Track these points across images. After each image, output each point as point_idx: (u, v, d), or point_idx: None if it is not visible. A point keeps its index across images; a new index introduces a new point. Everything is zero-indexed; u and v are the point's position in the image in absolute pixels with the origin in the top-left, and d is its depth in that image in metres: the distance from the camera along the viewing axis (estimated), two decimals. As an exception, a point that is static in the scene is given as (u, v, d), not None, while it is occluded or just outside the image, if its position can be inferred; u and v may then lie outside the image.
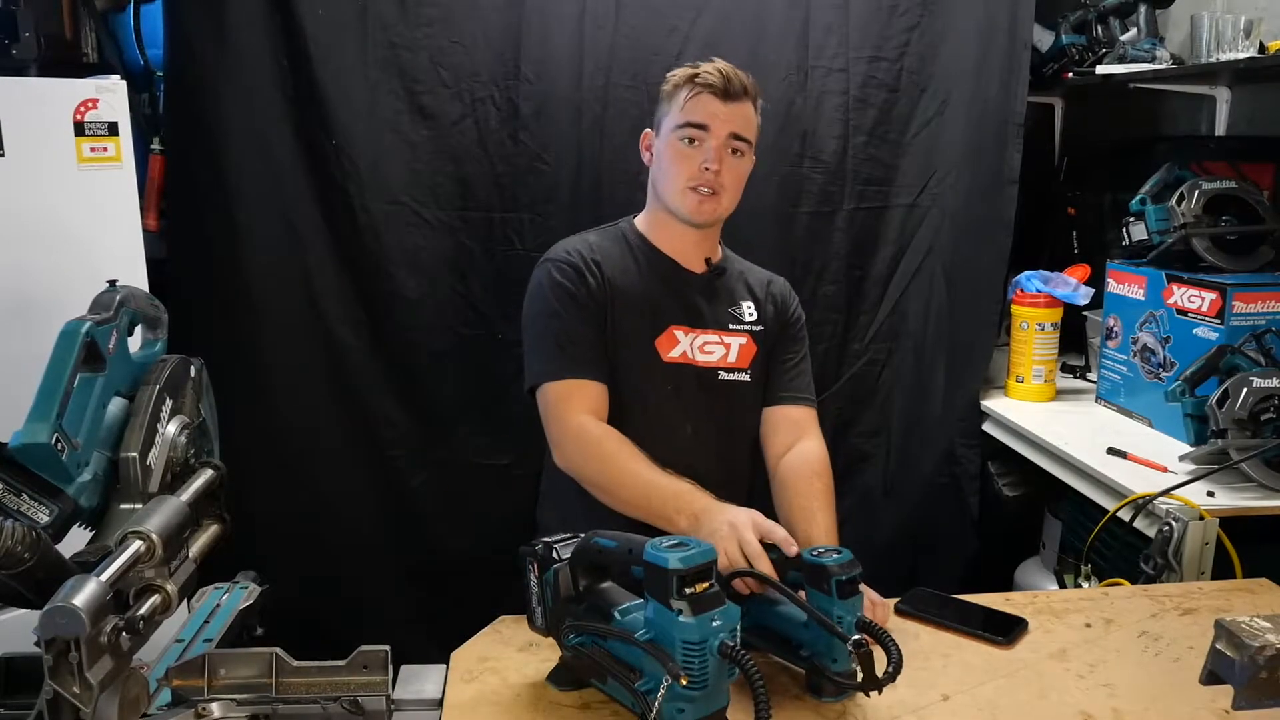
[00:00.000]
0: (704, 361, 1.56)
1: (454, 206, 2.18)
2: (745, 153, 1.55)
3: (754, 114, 1.56)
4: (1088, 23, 2.38)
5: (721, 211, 1.55)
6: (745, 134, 1.53)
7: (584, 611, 1.08)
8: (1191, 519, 1.55)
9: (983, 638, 1.25)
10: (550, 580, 1.10)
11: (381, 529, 2.24)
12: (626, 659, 1.01)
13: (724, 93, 1.50)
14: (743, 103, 1.53)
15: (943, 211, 2.29)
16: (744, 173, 1.57)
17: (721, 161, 1.50)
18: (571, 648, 1.08)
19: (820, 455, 1.58)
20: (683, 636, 0.93)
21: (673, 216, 1.56)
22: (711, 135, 1.50)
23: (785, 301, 1.68)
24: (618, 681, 1.01)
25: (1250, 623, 0.85)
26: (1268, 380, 1.63)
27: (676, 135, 1.52)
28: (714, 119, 1.50)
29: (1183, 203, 1.95)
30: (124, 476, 1.00)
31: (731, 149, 1.52)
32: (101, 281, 1.11)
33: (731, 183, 1.53)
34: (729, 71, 1.51)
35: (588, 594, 1.08)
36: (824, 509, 1.47)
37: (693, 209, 1.52)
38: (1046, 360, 2.20)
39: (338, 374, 2.20)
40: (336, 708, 1.04)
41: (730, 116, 1.51)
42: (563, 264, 1.53)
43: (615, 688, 1.04)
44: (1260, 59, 1.98)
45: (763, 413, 1.62)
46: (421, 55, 2.11)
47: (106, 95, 1.81)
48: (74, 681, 0.82)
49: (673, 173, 1.53)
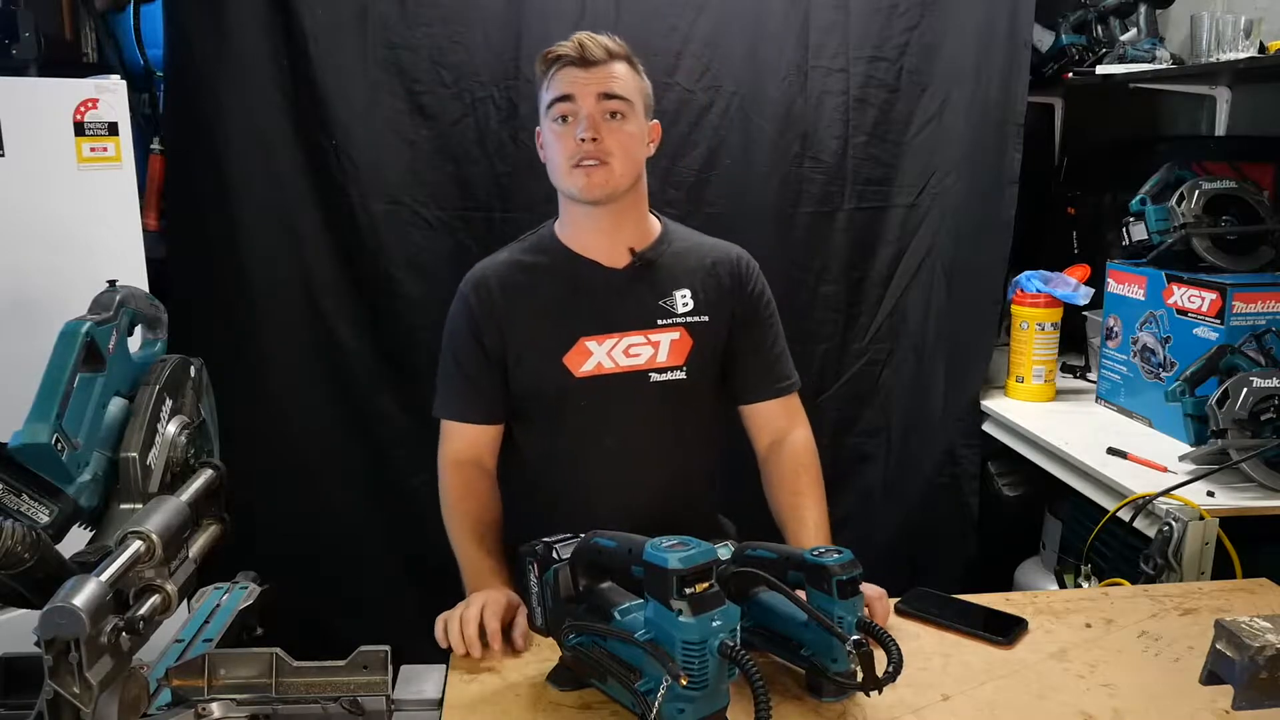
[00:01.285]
0: (629, 366, 1.47)
1: (454, 206, 2.18)
2: (627, 114, 1.43)
3: (630, 73, 1.45)
4: (1088, 23, 2.38)
5: (616, 181, 1.42)
6: (617, 91, 1.42)
7: (584, 611, 1.07)
8: (1191, 519, 1.55)
9: (983, 638, 1.25)
10: (550, 580, 1.09)
11: (381, 529, 2.24)
12: (627, 659, 1.01)
13: (582, 61, 1.41)
14: (608, 64, 1.42)
15: (943, 211, 2.29)
16: (631, 134, 1.44)
17: (598, 128, 1.40)
18: (571, 648, 1.08)
19: (806, 445, 1.55)
20: (683, 636, 0.93)
21: (574, 203, 1.47)
22: (580, 103, 1.41)
23: (740, 277, 1.55)
24: (617, 682, 1.01)
25: (1250, 623, 0.85)
26: (1268, 380, 1.63)
27: (549, 117, 1.44)
28: (576, 86, 1.41)
29: (1183, 203, 1.95)
30: (124, 476, 1.00)
31: (608, 112, 1.41)
32: (101, 281, 1.11)
33: (619, 148, 1.41)
34: (583, 38, 1.42)
35: (588, 594, 1.08)
36: (813, 505, 1.47)
37: (582, 186, 1.42)
38: (1046, 360, 2.20)
39: (338, 374, 2.20)
40: (336, 708, 1.04)
41: (595, 80, 1.41)
42: (463, 297, 1.51)
43: (615, 688, 1.04)
44: (1260, 59, 1.98)
45: (741, 411, 1.57)
46: (421, 55, 2.11)
47: (106, 95, 1.81)
48: (74, 681, 0.82)
49: (555, 155, 1.44)
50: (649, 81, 1.51)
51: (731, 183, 2.23)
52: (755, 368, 1.56)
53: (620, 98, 1.42)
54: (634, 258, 1.49)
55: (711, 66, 2.19)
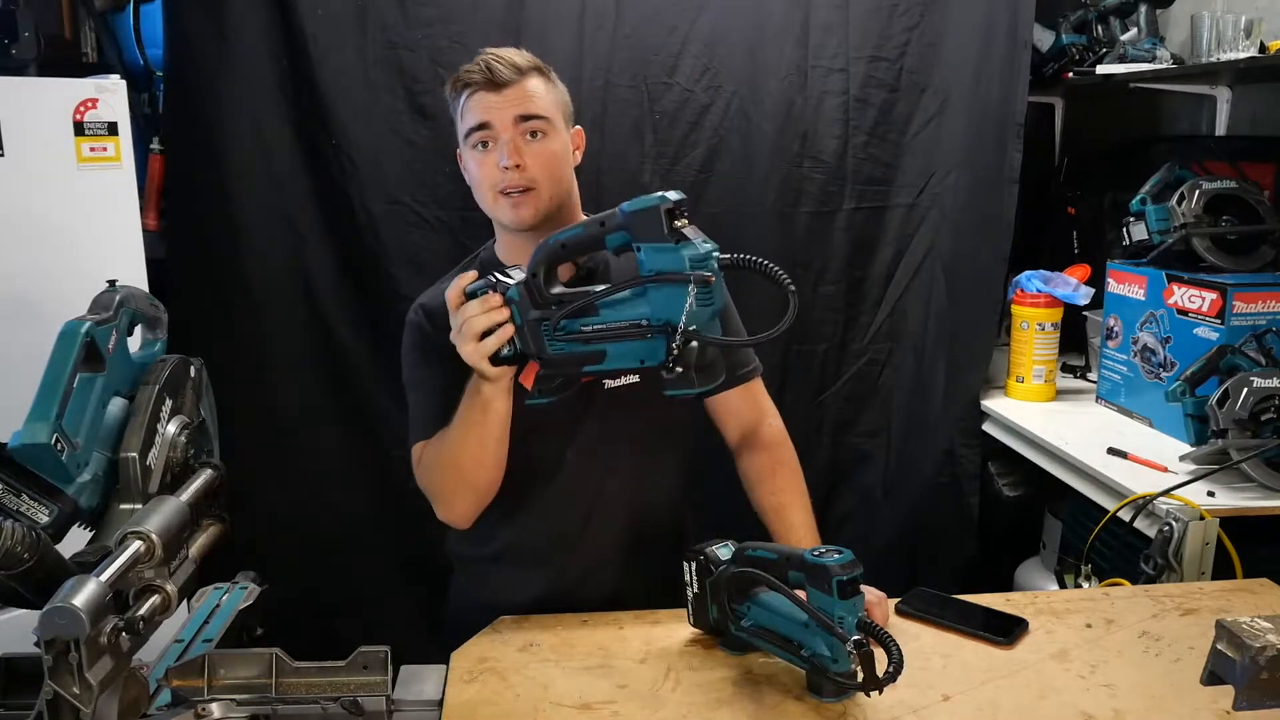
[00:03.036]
0: (584, 376, 1.42)
1: (454, 206, 2.17)
2: (548, 131, 1.37)
3: (545, 87, 1.39)
4: (1088, 22, 2.38)
5: (544, 205, 1.37)
6: (534, 111, 1.36)
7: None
8: (1192, 519, 1.55)
9: (983, 638, 1.25)
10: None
11: (381, 529, 2.24)
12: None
13: (491, 83, 1.35)
14: (520, 82, 1.36)
15: (943, 211, 2.28)
16: (554, 153, 1.38)
17: (520, 153, 1.34)
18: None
19: (778, 437, 1.52)
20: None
21: (505, 230, 1.42)
22: (498, 129, 1.35)
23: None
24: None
25: (1251, 623, 0.85)
26: (1268, 380, 1.63)
27: (468, 145, 1.38)
28: (491, 112, 1.35)
29: (1183, 203, 1.95)
30: (124, 476, 1.00)
31: (528, 133, 1.35)
32: (101, 281, 1.11)
33: (542, 170, 1.36)
34: (489, 59, 1.35)
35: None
36: (796, 503, 1.45)
37: (510, 216, 1.37)
38: (1046, 360, 2.20)
39: (338, 374, 2.20)
40: (336, 708, 1.04)
41: (509, 102, 1.35)
42: (414, 324, 1.47)
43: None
44: (1260, 59, 1.98)
45: (706, 405, 1.53)
46: (421, 55, 2.11)
47: (106, 95, 1.81)
48: (74, 682, 0.82)
49: (479, 185, 1.39)
50: (564, 86, 1.46)
51: (731, 183, 2.23)
52: None
53: (538, 116, 1.37)
54: (576, 269, 1.43)
55: (711, 66, 2.19)
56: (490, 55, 1.36)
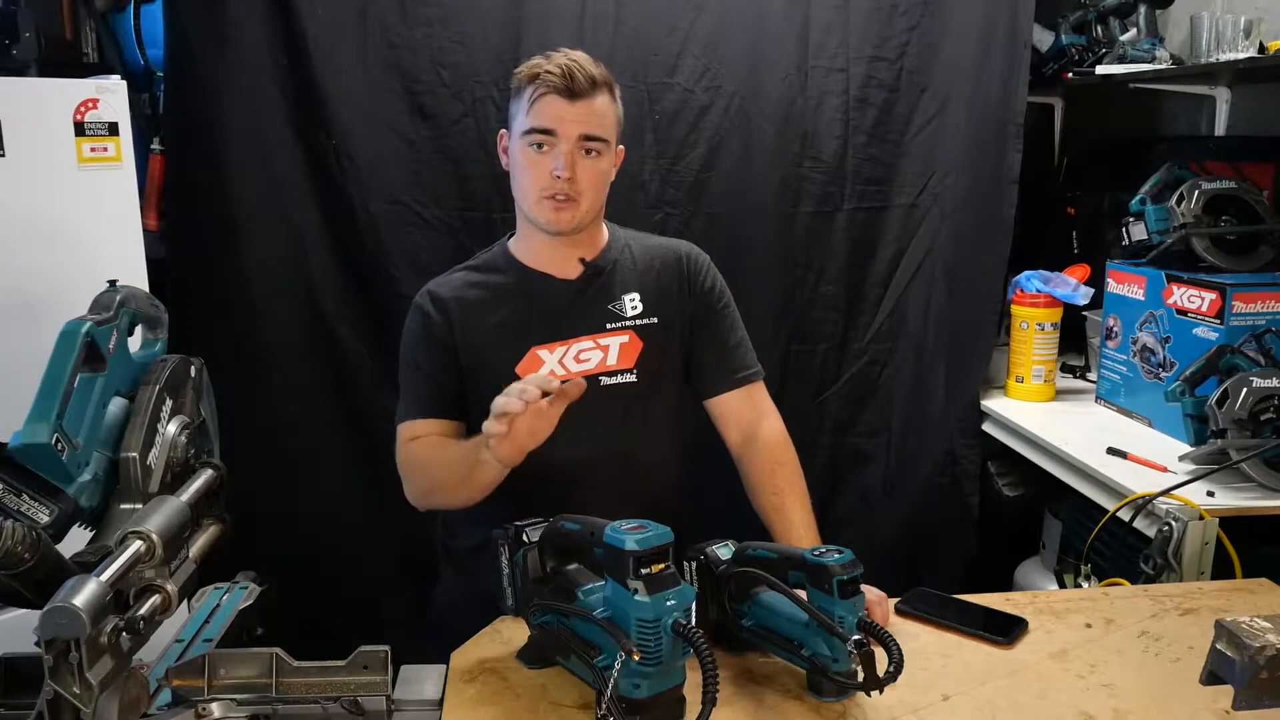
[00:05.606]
0: (580, 372, 1.46)
1: (454, 206, 2.18)
2: (602, 152, 1.43)
3: (610, 106, 1.44)
4: (1088, 23, 2.38)
5: (581, 216, 1.44)
6: (598, 133, 1.41)
7: (551, 592, 1.12)
8: (1191, 519, 1.55)
9: (983, 638, 1.25)
10: (520, 562, 1.15)
11: (382, 529, 2.24)
12: (587, 637, 1.05)
13: (569, 91, 1.38)
14: (592, 98, 1.40)
15: (943, 211, 2.29)
16: (603, 172, 1.45)
17: (574, 167, 1.40)
18: (538, 626, 1.14)
19: (778, 438, 1.53)
20: (638, 615, 0.97)
21: (534, 227, 1.47)
22: (560, 140, 1.39)
23: (688, 274, 1.55)
24: (578, 658, 1.05)
25: (1250, 623, 0.85)
26: (1268, 380, 1.63)
27: (525, 141, 1.42)
28: (560, 122, 1.39)
29: (1182, 203, 1.95)
30: (124, 476, 1.00)
31: (584, 149, 1.41)
32: (101, 281, 1.11)
33: (589, 186, 1.42)
34: (572, 67, 1.39)
35: (555, 575, 1.13)
36: (796, 503, 1.46)
37: (550, 219, 1.43)
38: (1046, 360, 2.20)
39: (338, 373, 2.20)
40: (336, 708, 1.04)
41: (579, 117, 1.40)
42: (419, 309, 1.51)
43: (577, 664, 1.09)
44: (1260, 59, 1.98)
45: (707, 407, 1.56)
46: (421, 55, 2.11)
47: (106, 95, 1.81)
48: (74, 682, 0.82)
49: (525, 181, 1.44)
50: (621, 105, 1.49)
51: (731, 183, 2.23)
52: (714, 362, 1.55)
53: (600, 139, 1.42)
54: (585, 267, 1.50)
55: (711, 66, 2.19)
56: (572, 62, 1.40)
